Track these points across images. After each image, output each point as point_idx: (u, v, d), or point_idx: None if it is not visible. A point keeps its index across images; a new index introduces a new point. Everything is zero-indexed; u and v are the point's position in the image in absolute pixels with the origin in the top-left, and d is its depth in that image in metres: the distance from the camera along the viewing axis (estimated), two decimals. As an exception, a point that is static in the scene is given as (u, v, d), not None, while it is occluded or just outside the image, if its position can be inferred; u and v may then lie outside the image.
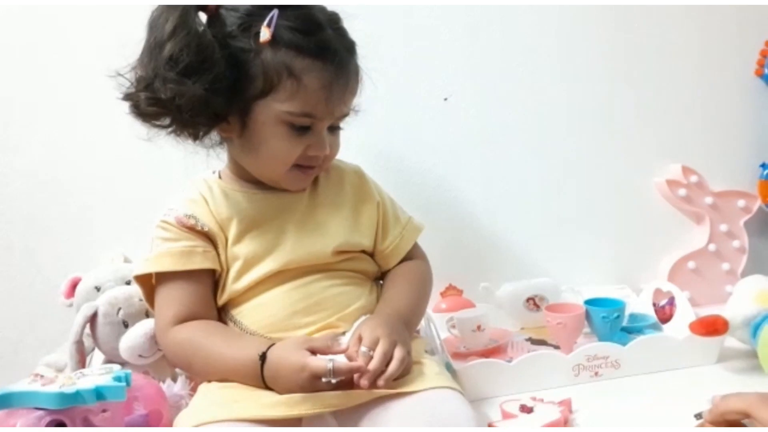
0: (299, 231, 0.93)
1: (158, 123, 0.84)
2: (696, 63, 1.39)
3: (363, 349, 0.78)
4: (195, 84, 0.80)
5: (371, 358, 0.77)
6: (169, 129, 0.85)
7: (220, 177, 0.98)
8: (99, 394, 0.72)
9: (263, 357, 0.80)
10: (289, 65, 0.83)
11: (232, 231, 0.91)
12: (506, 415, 0.89)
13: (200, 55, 0.80)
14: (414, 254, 1.04)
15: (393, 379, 0.78)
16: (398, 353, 0.79)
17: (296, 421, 0.77)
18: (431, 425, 0.73)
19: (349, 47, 0.90)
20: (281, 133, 0.87)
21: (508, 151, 1.36)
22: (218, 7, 0.85)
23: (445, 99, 1.32)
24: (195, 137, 0.89)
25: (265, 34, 0.82)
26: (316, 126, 0.88)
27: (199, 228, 0.90)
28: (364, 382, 0.76)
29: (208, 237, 0.91)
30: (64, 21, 1.19)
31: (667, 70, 1.38)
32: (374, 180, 1.05)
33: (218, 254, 0.91)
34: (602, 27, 1.35)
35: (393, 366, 0.78)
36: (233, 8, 0.85)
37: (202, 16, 0.85)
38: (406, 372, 0.80)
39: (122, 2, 1.16)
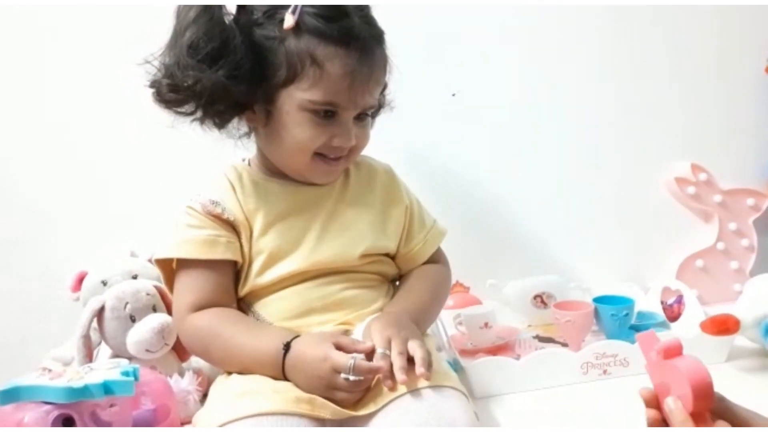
0: (326, 230, 0.92)
1: (181, 110, 0.85)
2: (706, 61, 1.38)
3: (379, 350, 0.77)
4: (216, 71, 0.81)
5: (388, 357, 0.76)
6: (193, 116, 0.86)
7: (249, 165, 0.97)
8: (107, 388, 0.72)
9: (287, 346, 0.79)
10: (312, 52, 0.82)
11: (258, 223, 0.90)
12: None
13: (220, 42, 0.81)
14: (435, 258, 1.03)
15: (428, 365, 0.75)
16: (413, 344, 0.77)
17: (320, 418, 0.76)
18: (428, 423, 0.71)
19: (377, 36, 0.88)
20: (305, 121, 0.86)
21: (517, 148, 1.35)
22: None
23: (453, 95, 1.31)
24: (219, 126, 0.89)
25: (289, 20, 0.82)
26: (341, 115, 0.87)
27: (225, 217, 0.89)
28: (401, 377, 0.73)
29: (232, 226, 0.90)
30: (71, 14, 1.19)
31: (677, 67, 1.37)
32: (403, 181, 1.04)
33: (241, 245, 0.90)
34: (613, 25, 1.34)
35: (420, 354, 0.75)
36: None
37: (231, 6, 0.85)
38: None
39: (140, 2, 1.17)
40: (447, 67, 1.30)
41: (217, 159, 0.96)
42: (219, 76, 0.81)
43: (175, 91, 0.83)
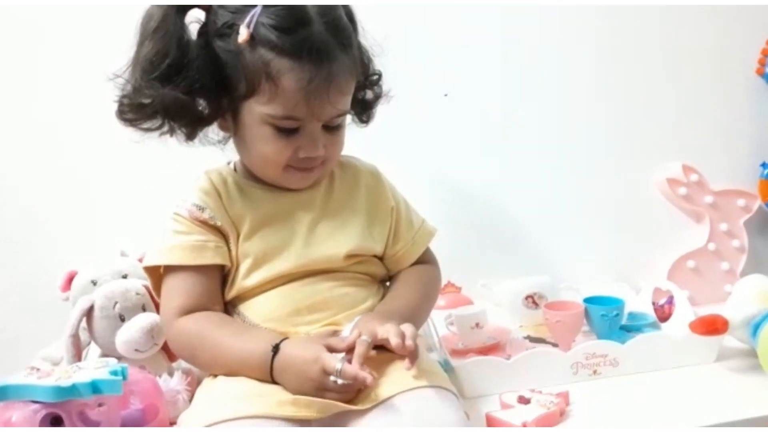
0: (312, 232, 0.91)
1: (145, 127, 0.84)
2: (697, 61, 1.39)
3: (363, 337, 0.77)
4: (174, 88, 0.80)
5: (369, 344, 0.76)
6: (160, 131, 0.85)
7: (235, 169, 0.96)
8: (95, 387, 0.71)
9: (276, 348, 0.79)
10: (267, 67, 0.80)
11: (245, 227, 0.89)
12: (504, 406, 0.91)
13: (177, 58, 0.80)
14: (424, 258, 1.03)
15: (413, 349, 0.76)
16: (406, 326, 0.78)
17: (305, 420, 0.76)
18: (418, 424, 0.72)
19: (342, 41, 0.84)
20: (268, 135, 0.85)
21: (508, 149, 1.36)
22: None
23: (445, 95, 1.32)
24: (189, 137, 0.88)
25: (243, 33, 0.79)
26: (305, 127, 0.85)
27: (212, 223, 0.88)
28: (396, 340, 0.75)
29: (220, 232, 0.89)
30: (65, 16, 1.19)
31: (669, 68, 1.38)
32: (390, 182, 1.03)
33: (229, 249, 0.89)
34: (603, 25, 1.35)
35: (410, 331, 0.77)
36: (228, 5, 0.83)
37: (200, 13, 0.84)
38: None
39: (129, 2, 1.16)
40: (438, 68, 1.30)
41: (207, 160, 0.96)
42: (176, 92, 0.80)
43: (135, 110, 0.82)
